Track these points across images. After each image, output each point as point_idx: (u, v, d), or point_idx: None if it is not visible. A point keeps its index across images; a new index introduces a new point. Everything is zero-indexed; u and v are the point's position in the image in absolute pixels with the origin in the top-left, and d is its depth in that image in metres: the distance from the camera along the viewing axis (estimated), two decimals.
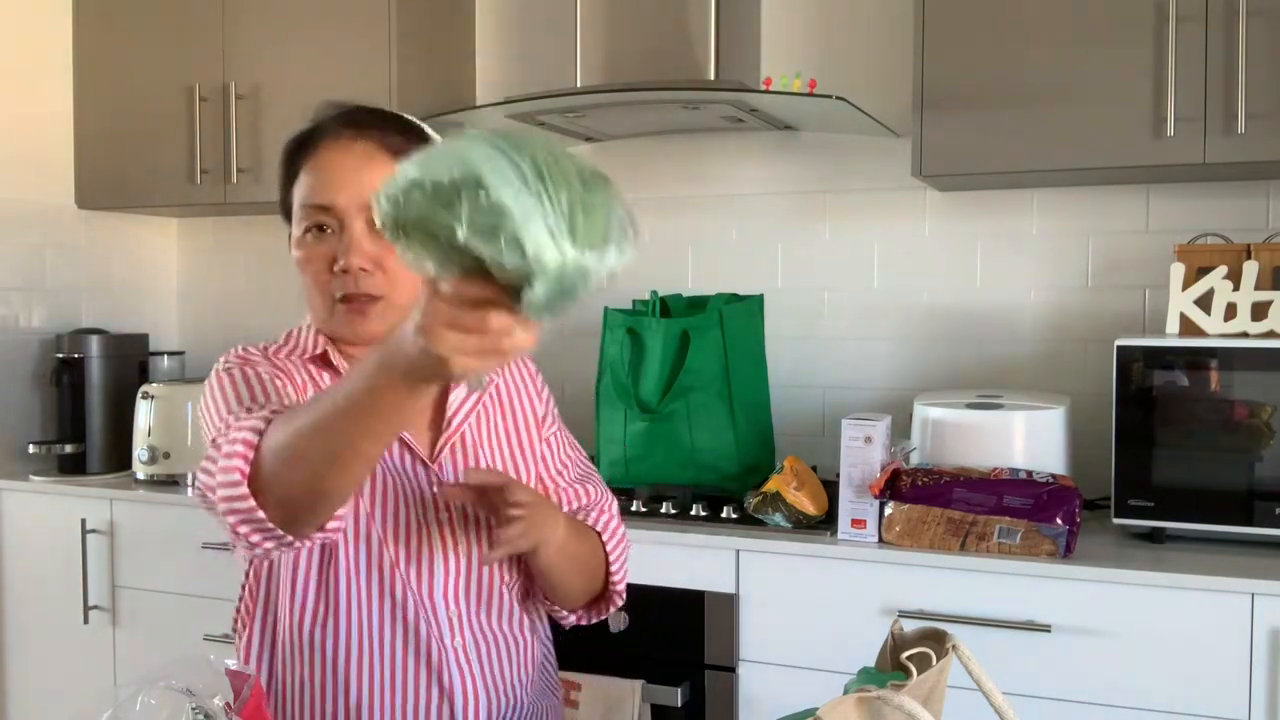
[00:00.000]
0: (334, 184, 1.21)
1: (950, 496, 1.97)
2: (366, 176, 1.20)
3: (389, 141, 1.23)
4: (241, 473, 1.01)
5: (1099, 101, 2.09)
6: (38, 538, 2.72)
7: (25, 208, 2.92)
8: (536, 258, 0.77)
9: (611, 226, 0.87)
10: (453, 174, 0.77)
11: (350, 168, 1.21)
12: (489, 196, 0.76)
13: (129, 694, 0.84)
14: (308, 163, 1.24)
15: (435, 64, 2.80)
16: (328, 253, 1.22)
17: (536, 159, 0.79)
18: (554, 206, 0.79)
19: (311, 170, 1.23)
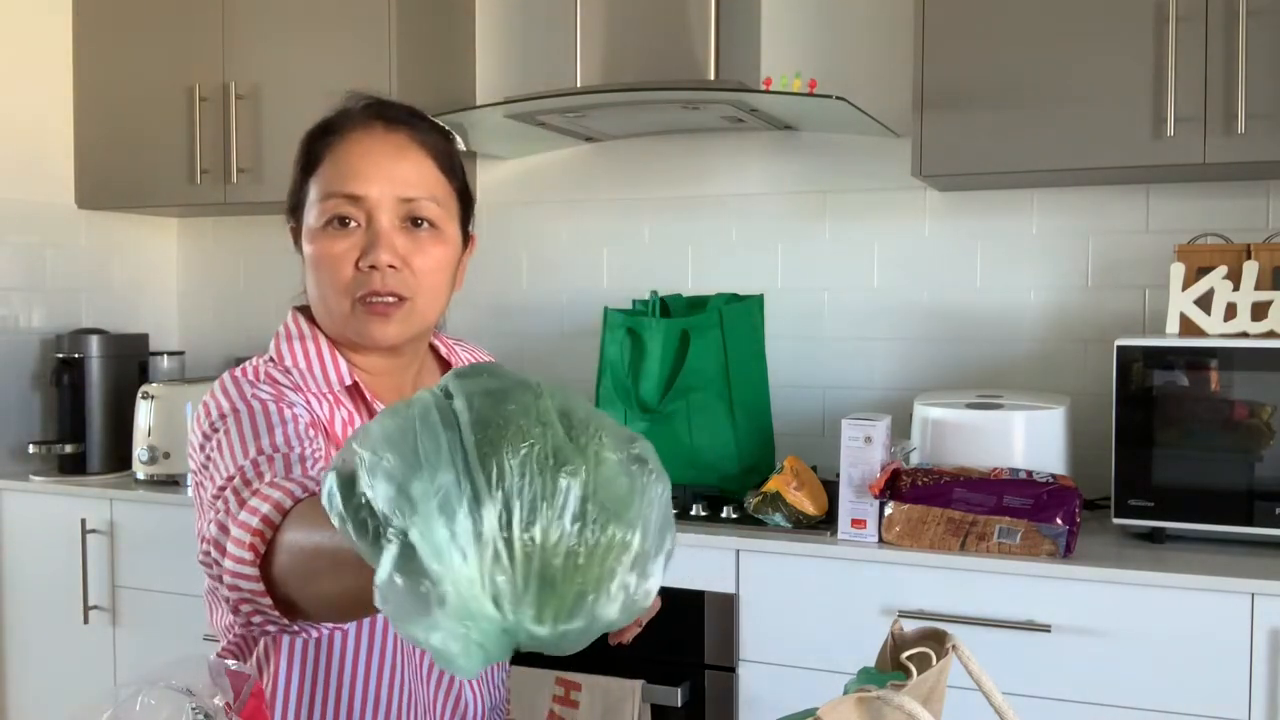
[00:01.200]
0: (365, 174, 1.12)
1: (950, 496, 1.97)
2: (400, 168, 1.13)
3: (422, 136, 1.17)
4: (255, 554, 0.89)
5: (1099, 101, 2.09)
6: (38, 538, 2.72)
7: (25, 208, 2.92)
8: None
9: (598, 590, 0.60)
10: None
11: (383, 157, 1.14)
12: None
13: (129, 694, 0.84)
14: (333, 151, 1.15)
15: (435, 64, 2.80)
16: (351, 248, 1.12)
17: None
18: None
19: (338, 159, 1.14)
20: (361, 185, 1.12)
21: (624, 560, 0.62)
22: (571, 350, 2.85)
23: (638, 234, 2.81)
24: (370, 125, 1.15)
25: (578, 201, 2.87)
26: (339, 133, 1.16)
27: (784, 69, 2.53)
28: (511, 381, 0.64)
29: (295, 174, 1.19)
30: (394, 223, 1.13)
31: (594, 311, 2.65)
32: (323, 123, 1.18)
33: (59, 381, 2.85)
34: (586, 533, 0.58)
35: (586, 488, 0.59)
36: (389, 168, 1.13)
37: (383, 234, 1.12)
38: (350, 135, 1.15)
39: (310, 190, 1.16)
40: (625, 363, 2.32)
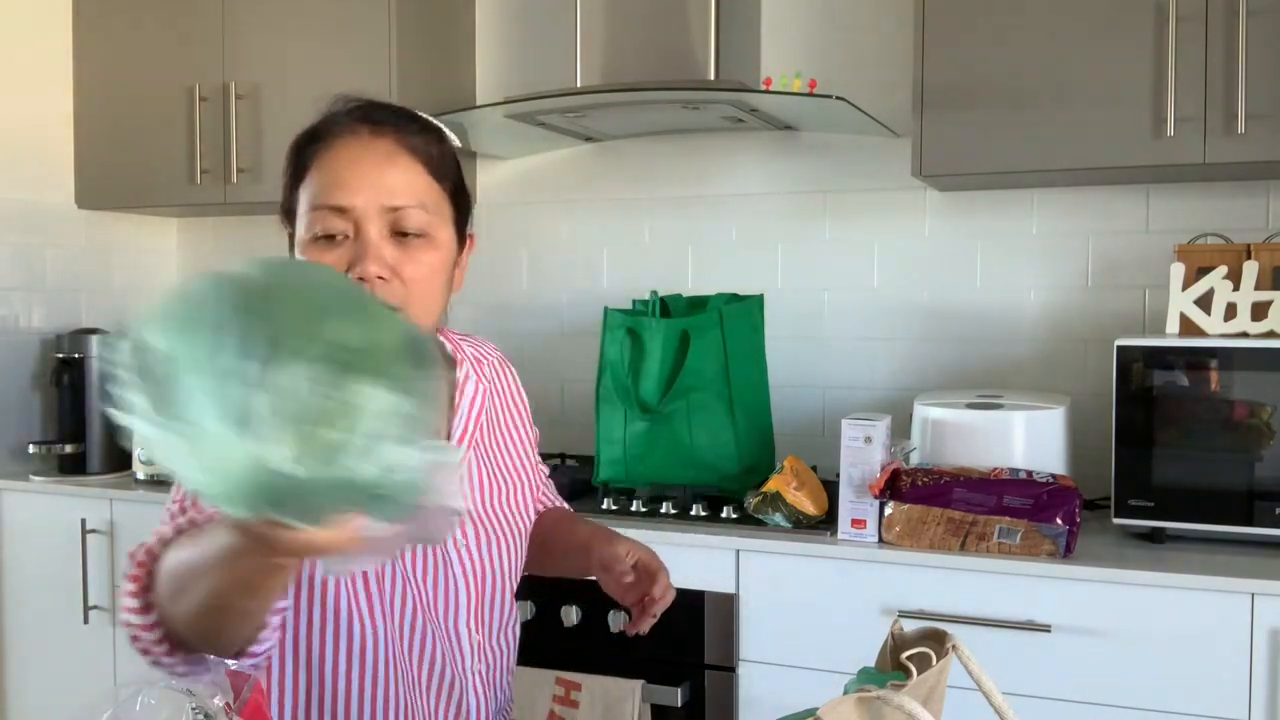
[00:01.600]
0: (350, 184, 1.10)
1: (950, 496, 1.97)
2: (386, 176, 1.10)
3: (409, 140, 1.13)
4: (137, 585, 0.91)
5: (1099, 101, 2.09)
6: (38, 538, 2.72)
7: (25, 208, 2.92)
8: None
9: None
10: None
11: (369, 165, 1.10)
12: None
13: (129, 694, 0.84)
14: (319, 160, 1.12)
15: (435, 64, 2.80)
16: (339, 260, 1.10)
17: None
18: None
19: (324, 168, 1.11)
20: (347, 196, 1.09)
21: (381, 417, 0.64)
22: (571, 350, 2.85)
23: (638, 234, 2.81)
24: (356, 131, 1.12)
25: (578, 201, 2.87)
26: (324, 140, 1.12)
27: (784, 69, 2.53)
28: (329, 274, 0.70)
29: (285, 181, 1.17)
30: (382, 232, 1.10)
31: (594, 311, 2.65)
32: (310, 129, 1.15)
33: (59, 381, 2.85)
34: (340, 382, 0.62)
35: (350, 339, 0.63)
36: (375, 176, 1.10)
37: (370, 246, 1.09)
38: (336, 143, 1.12)
39: (300, 199, 1.14)
40: (625, 363, 2.32)
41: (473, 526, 1.23)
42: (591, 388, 2.41)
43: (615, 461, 2.31)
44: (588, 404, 2.45)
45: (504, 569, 1.26)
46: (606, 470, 2.32)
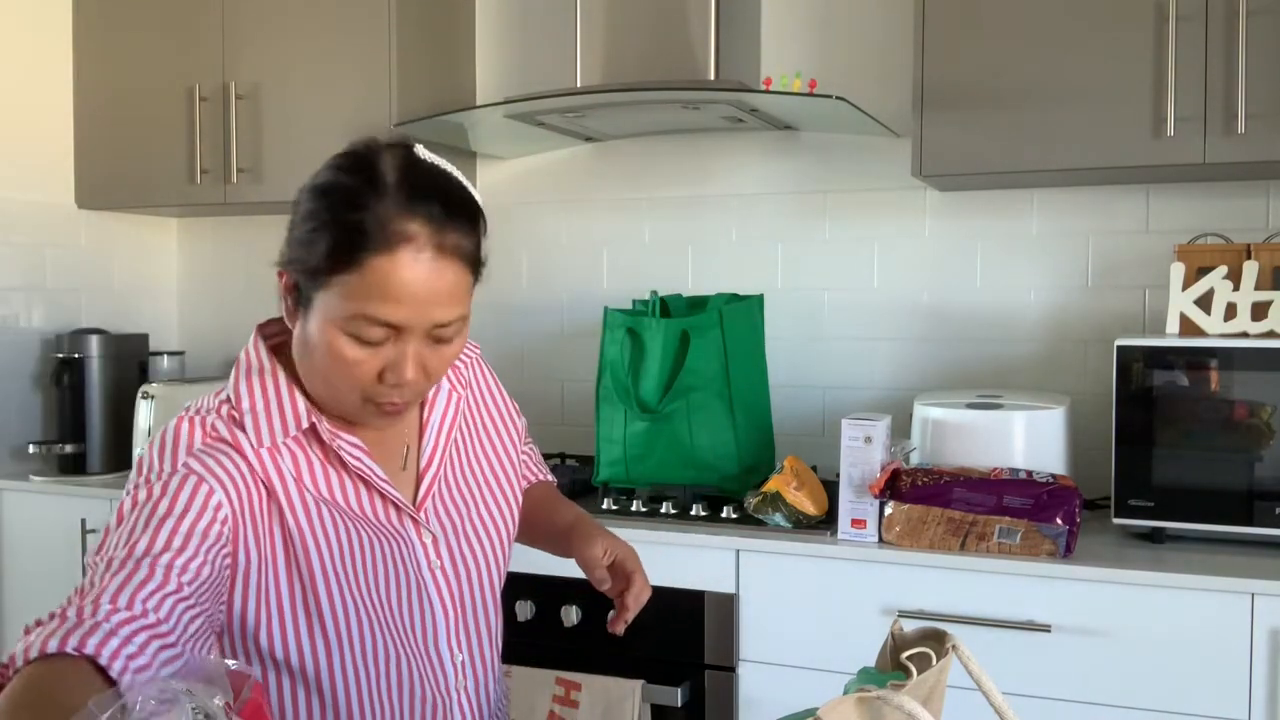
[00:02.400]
0: (413, 307, 1.02)
1: (950, 496, 1.97)
2: (439, 293, 1.03)
3: (462, 247, 1.05)
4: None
5: (1099, 101, 2.09)
6: (38, 538, 2.72)
7: (25, 208, 2.92)
8: None
9: None
10: None
11: (438, 290, 1.03)
12: None
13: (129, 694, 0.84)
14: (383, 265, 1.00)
15: (435, 64, 2.80)
16: (373, 357, 1.05)
17: None
18: None
19: (388, 281, 1.01)
20: (401, 316, 1.02)
21: None
22: (571, 350, 2.85)
23: (638, 234, 2.81)
24: (423, 249, 1.01)
25: (578, 201, 2.87)
26: (389, 249, 1.00)
27: (784, 69, 2.54)
28: None
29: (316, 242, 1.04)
30: (423, 338, 1.06)
31: (594, 311, 2.65)
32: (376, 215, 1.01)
33: (59, 381, 2.85)
34: None
35: None
36: (428, 295, 1.02)
37: (411, 355, 1.05)
38: (403, 257, 1.01)
39: (334, 286, 1.03)
40: (625, 363, 2.32)
41: (447, 549, 1.20)
42: (591, 388, 2.42)
43: (615, 461, 2.31)
44: (588, 404, 2.45)
45: (484, 585, 1.23)
46: (606, 470, 2.32)
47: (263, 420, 1.10)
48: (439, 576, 1.19)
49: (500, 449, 1.33)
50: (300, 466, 1.11)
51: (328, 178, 1.07)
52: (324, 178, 1.08)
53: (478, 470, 1.28)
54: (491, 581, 1.26)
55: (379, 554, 1.14)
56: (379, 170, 1.04)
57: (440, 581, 1.19)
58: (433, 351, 1.07)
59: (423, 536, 1.18)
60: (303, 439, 1.12)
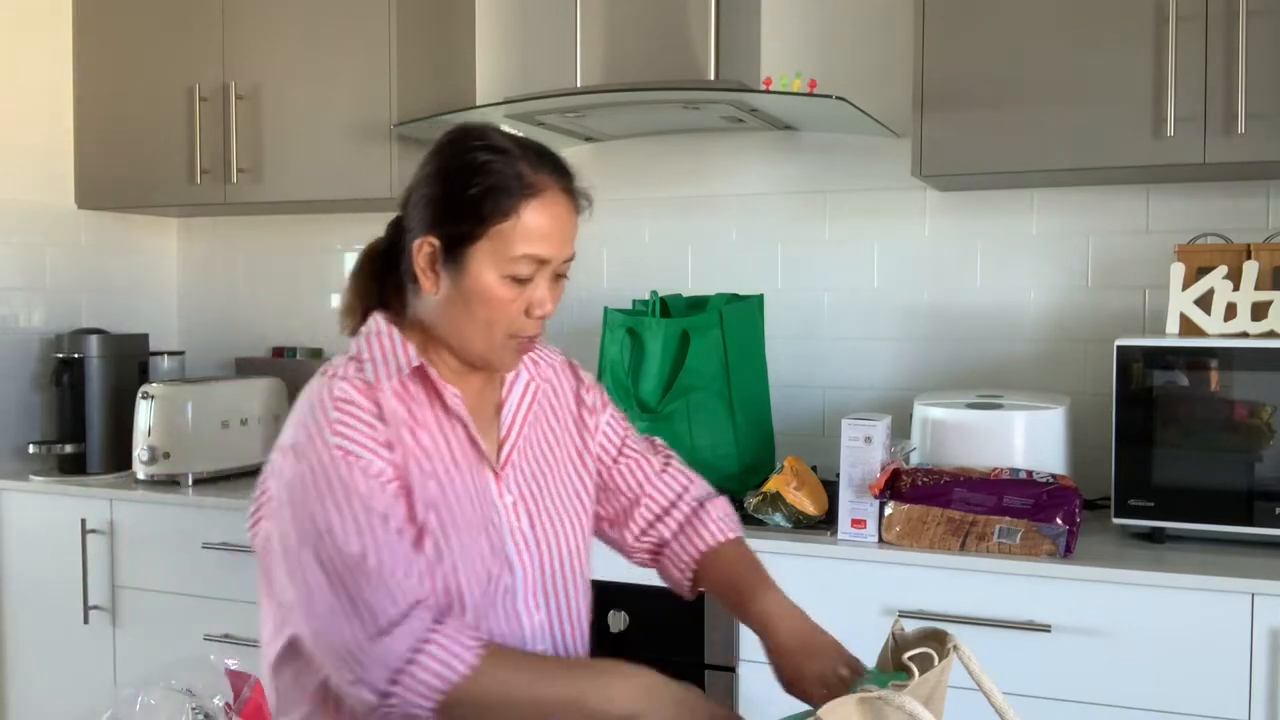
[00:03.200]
0: (553, 240, 1.24)
1: (950, 496, 1.97)
2: (571, 238, 1.27)
3: (577, 198, 1.28)
4: (467, 668, 1.10)
5: (1099, 101, 2.09)
6: (38, 538, 2.72)
7: (25, 208, 2.92)
8: None
9: None
10: None
11: (568, 226, 1.26)
12: None
13: (129, 694, 0.84)
14: (532, 209, 1.21)
15: (435, 64, 2.80)
16: (520, 296, 1.24)
17: None
18: None
19: (538, 222, 1.22)
20: (549, 250, 1.23)
21: None
22: (571, 350, 2.82)
23: (638, 234, 2.81)
24: (559, 194, 1.24)
25: None
26: (535, 195, 1.22)
27: (784, 69, 2.53)
28: None
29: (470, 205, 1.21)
30: (553, 277, 1.27)
31: (594, 311, 2.65)
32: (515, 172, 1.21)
33: (59, 381, 2.85)
34: None
35: None
36: (565, 233, 1.25)
37: (551, 289, 1.27)
38: (544, 200, 1.23)
39: (492, 237, 1.21)
40: (625, 363, 2.32)
41: (526, 515, 1.30)
42: None
43: None
44: None
45: (563, 561, 1.32)
46: None
47: (380, 365, 1.25)
48: (518, 537, 1.28)
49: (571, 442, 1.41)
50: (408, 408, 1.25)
51: (454, 157, 1.24)
52: (448, 158, 1.25)
53: (549, 452, 1.38)
54: (572, 561, 1.33)
55: (468, 502, 1.25)
56: (496, 141, 1.24)
57: (520, 542, 1.28)
58: (555, 287, 1.28)
59: (503, 496, 1.29)
60: (410, 386, 1.26)
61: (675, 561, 1.43)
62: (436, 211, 1.23)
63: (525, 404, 1.36)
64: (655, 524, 1.45)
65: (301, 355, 3.13)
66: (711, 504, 1.46)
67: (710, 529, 1.43)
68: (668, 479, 1.47)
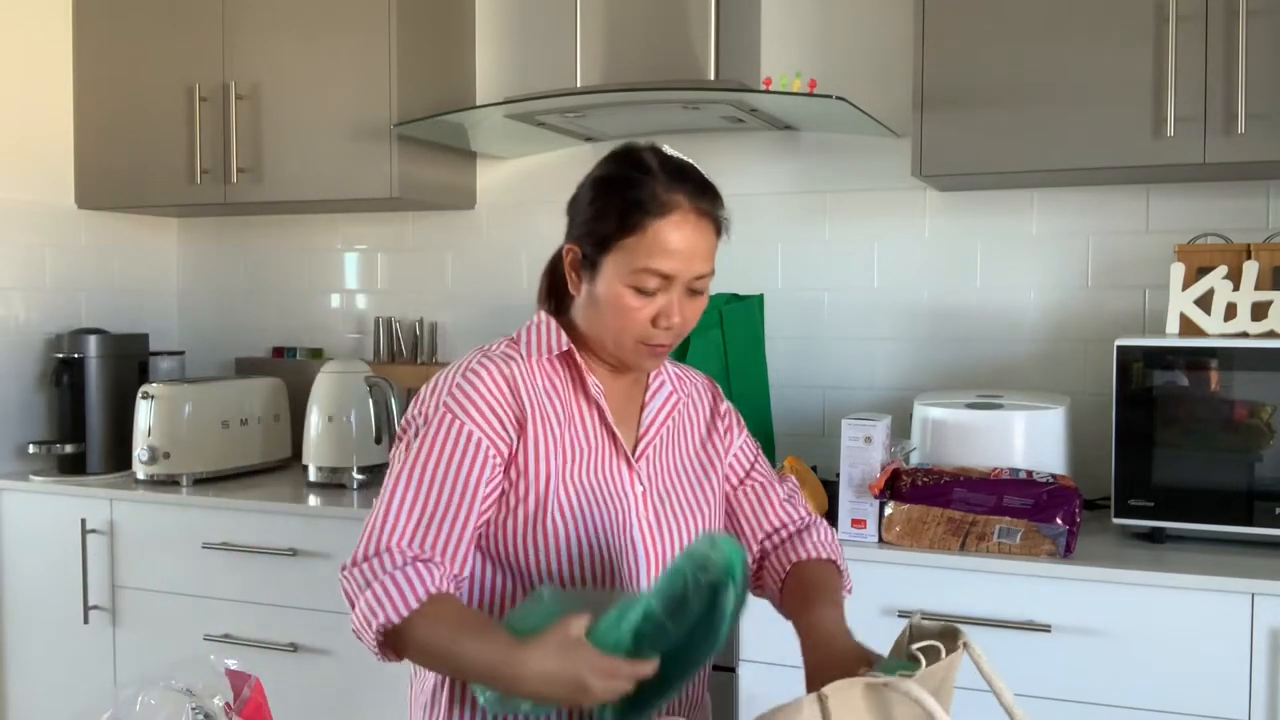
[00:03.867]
0: (679, 257, 1.29)
1: (950, 496, 1.97)
2: (701, 256, 1.31)
3: (716, 216, 1.34)
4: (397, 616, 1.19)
5: (1099, 101, 2.09)
6: (38, 538, 2.72)
7: (25, 208, 2.92)
8: None
9: None
10: None
11: (694, 246, 1.30)
12: None
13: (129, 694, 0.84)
14: (660, 227, 1.29)
15: (435, 64, 2.80)
16: (648, 306, 1.30)
17: None
18: None
19: (664, 239, 1.29)
20: (673, 266, 1.29)
21: None
22: None
23: None
24: (687, 214, 1.30)
25: None
26: (664, 214, 1.29)
27: (784, 69, 2.53)
28: None
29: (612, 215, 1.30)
30: (682, 289, 1.31)
31: None
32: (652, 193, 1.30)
33: (59, 381, 2.85)
34: None
35: None
36: (694, 252, 1.30)
37: (678, 302, 1.31)
38: (673, 219, 1.29)
39: (621, 249, 1.30)
40: None
41: (653, 507, 1.37)
42: None
43: None
44: None
45: (673, 548, 1.37)
46: None
47: (534, 346, 1.37)
48: (643, 525, 1.35)
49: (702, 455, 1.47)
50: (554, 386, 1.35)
51: (605, 171, 1.37)
52: (601, 171, 1.37)
53: (681, 458, 1.44)
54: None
55: (598, 479, 1.34)
56: (643, 160, 1.34)
57: (646, 530, 1.35)
58: (689, 301, 1.33)
59: (634, 485, 1.36)
60: (559, 369, 1.37)
61: (772, 572, 1.45)
62: (582, 221, 1.34)
63: (666, 410, 1.44)
64: (765, 540, 1.47)
65: (301, 355, 3.13)
66: (819, 527, 1.49)
67: (809, 545, 1.45)
68: (789, 508, 1.50)
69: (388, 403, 2.68)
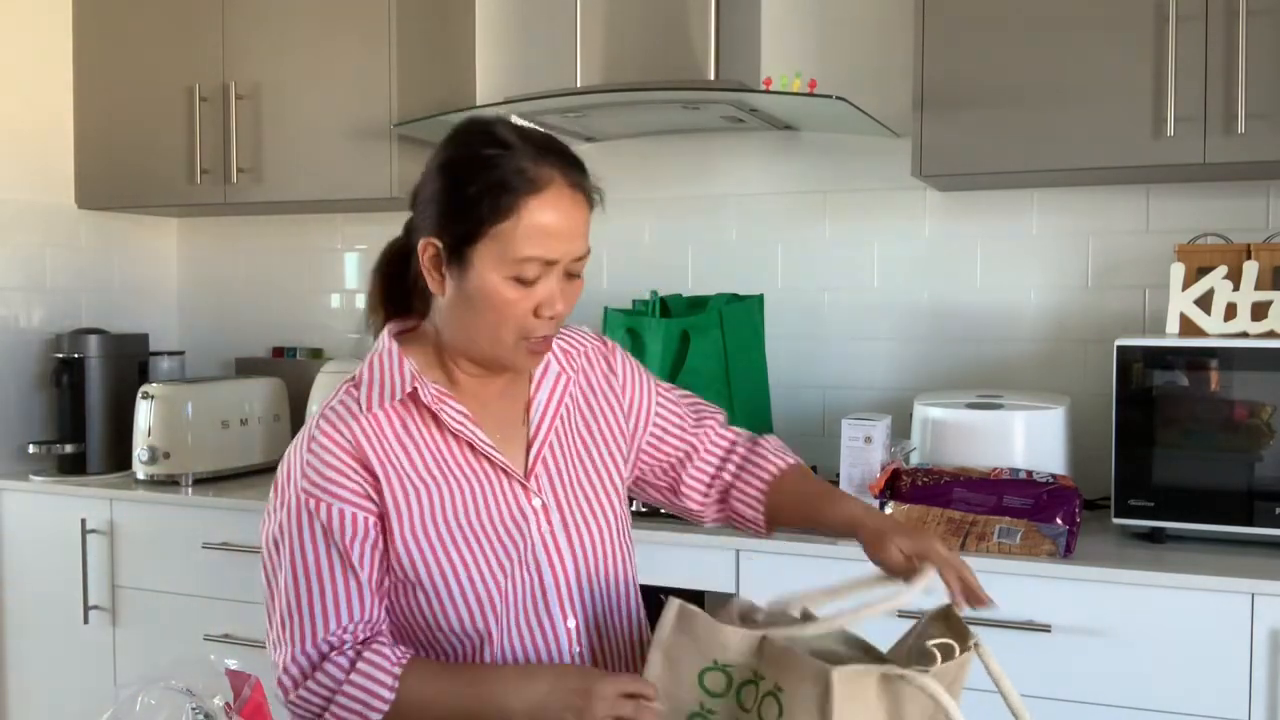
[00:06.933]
0: (559, 238, 1.18)
1: (950, 496, 1.97)
2: (579, 229, 1.21)
3: (587, 189, 1.24)
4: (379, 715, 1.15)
5: (1099, 101, 2.09)
6: (38, 538, 2.72)
7: (25, 208, 2.92)
8: None
9: None
10: None
11: (572, 221, 1.20)
12: None
13: (129, 694, 0.84)
14: (534, 207, 1.17)
15: (435, 64, 2.80)
16: (527, 298, 1.19)
17: None
18: None
19: (541, 221, 1.17)
20: (555, 250, 1.18)
21: None
22: None
23: (638, 234, 2.81)
24: (561, 189, 1.19)
25: None
26: (537, 192, 1.17)
27: (784, 69, 2.53)
28: None
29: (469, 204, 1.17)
30: (560, 275, 1.21)
31: (594, 311, 2.65)
32: (516, 168, 1.17)
33: (59, 381, 2.85)
34: None
35: None
36: (573, 230, 1.20)
37: (560, 289, 1.21)
38: (547, 196, 1.18)
39: (493, 237, 1.17)
40: None
41: (559, 517, 1.28)
42: None
43: None
44: None
45: (593, 552, 1.29)
46: None
47: (376, 389, 1.24)
48: (548, 541, 1.26)
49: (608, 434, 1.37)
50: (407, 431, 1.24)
51: (456, 152, 1.21)
52: (451, 153, 1.22)
53: (583, 449, 1.34)
54: (601, 553, 1.30)
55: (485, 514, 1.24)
56: (498, 135, 1.20)
57: (551, 547, 1.26)
58: (569, 286, 1.22)
59: (531, 501, 1.27)
60: (410, 407, 1.24)
61: (744, 501, 1.41)
62: (439, 211, 1.19)
63: (555, 400, 1.32)
64: (716, 477, 1.44)
65: (301, 355, 3.13)
66: (764, 440, 1.46)
67: (771, 460, 1.43)
68: (725, 431, 1.46)
69: None
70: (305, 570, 1.20)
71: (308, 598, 1.19)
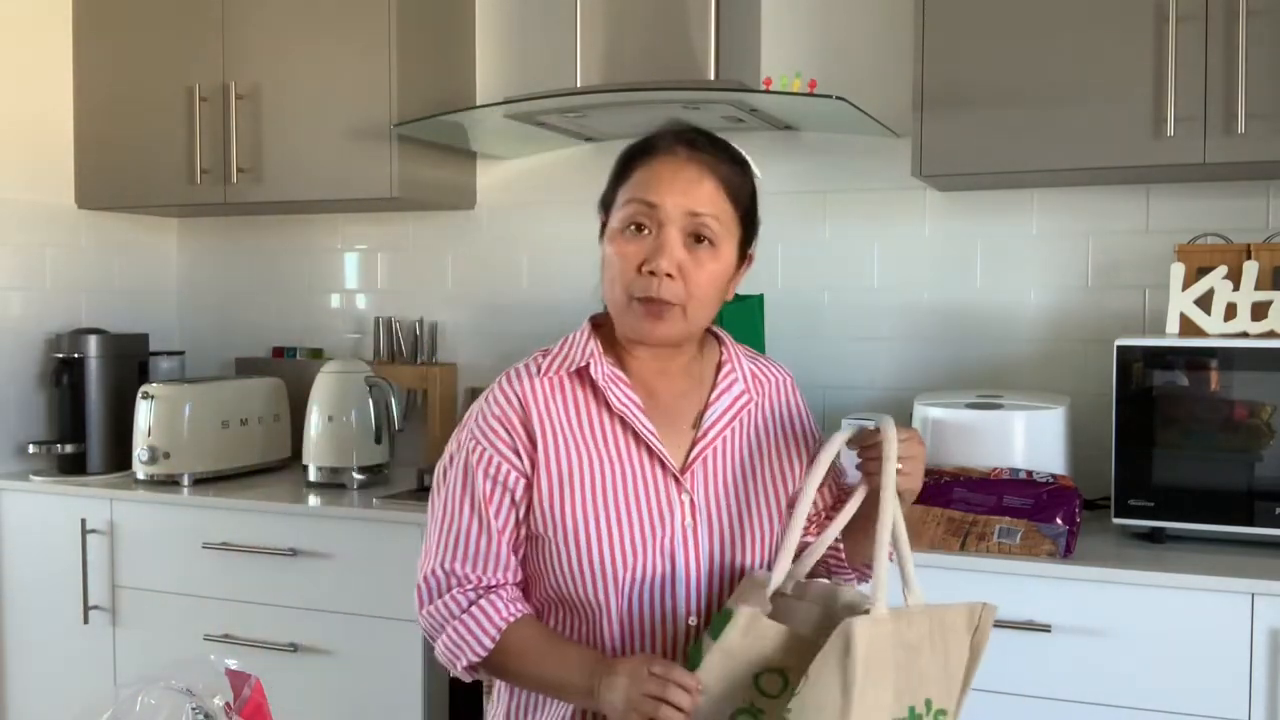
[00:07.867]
0: (664, 187, 1.27)
1: (950, 496, 1.97)
2: (693, 189, 1.28)
3: (718, 168, 1.31)
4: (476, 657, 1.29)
5: (1099, 101, 2.09)
6: (38, 538, 2.72)
7: (25, 208, 2.92)
8: None
9: None
10: None
11: (681, 179, 1.28)
12: None
13: (129, 694, 0.84)
14: (642, 166, 1.30)
15: (435, 64, 2.80)
16: (639, 252, 1.28)
17: None
18: None
19: (645, 172, 1.29)
20: (658, 195, 1.27)
21: None
22: None
23: None
24: (676, 150, 1.30)
25: (578, 202, 2.86)
26: (650, 152, 1.31)
27: (784, 69, 2.53)
28: None
29: (610, 180, 1.35)
30: (679, 237, 1.27)
31: (594, 312, 2.65)
32: (641, 141, 1.33)
33: (59, 381, 2.85)
34: None
35: None
36: (684, 186, 1.27)
37: (667, 244, 1.27)
38: (659, 154, 1.30)
39: (619, 195, 1.32)
40: None
41: (705, 519, 1.31)
42: None
43: None
44: None
45: (733, 561, 1.31)
46: None
47: (558, 358, 1.35)
48: (689, 536, 1.30)
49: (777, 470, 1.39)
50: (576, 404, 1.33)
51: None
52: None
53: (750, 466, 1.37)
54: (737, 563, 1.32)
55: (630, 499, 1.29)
56: (657, 130, 1.34)
57: (690, 543, 1.30)
58: (691, 257, 1.28)
59: (680, 495, 1.31)
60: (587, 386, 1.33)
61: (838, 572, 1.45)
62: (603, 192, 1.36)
63: (732, 412, 1.37)
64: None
65: (301, 355, 3.13)
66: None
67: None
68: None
69: (388, 403, 2.68)
70: (452, 501, 1.32)
71: (448, 526, 1.31)
